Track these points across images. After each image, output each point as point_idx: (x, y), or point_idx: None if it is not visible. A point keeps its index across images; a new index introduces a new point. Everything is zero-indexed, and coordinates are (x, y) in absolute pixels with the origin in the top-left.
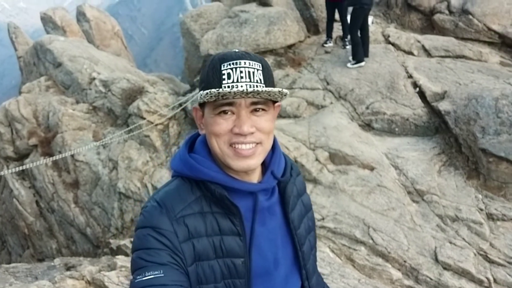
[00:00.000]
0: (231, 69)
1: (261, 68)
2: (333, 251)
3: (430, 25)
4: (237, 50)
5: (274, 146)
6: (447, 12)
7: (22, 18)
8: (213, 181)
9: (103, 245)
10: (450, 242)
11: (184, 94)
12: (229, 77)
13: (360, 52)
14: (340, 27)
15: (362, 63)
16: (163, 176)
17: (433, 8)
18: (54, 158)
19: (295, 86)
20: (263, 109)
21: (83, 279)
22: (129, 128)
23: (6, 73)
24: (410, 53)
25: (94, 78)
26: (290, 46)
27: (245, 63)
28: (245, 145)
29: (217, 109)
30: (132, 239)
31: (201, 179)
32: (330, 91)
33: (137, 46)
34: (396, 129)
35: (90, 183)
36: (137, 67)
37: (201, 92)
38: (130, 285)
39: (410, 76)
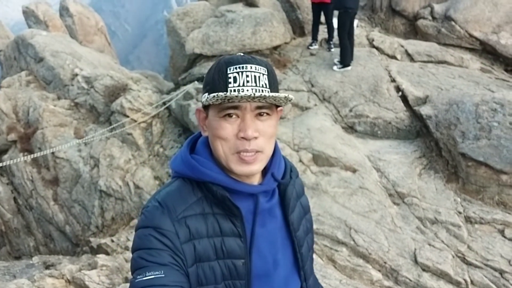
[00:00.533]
0: (237, 73)
1: (266, 73)
2: (315, 252)
3: (413, 30)
4: (243, 54)
5: (274, 149)
6: (430, 18)
7: (2, 11)
8: (215, 182)
9: (82, 243)
10: (429, 244)
11: (168, 92)
12: (235, 81)
13: (348, 56)
14: (326, 30)
15: (349, 67)
16: (145, 174)
17: (416, 14)
18: (34, 155)
19: (280, 87)
20: (267, 114)
21: (63, 278)
22: (112, 126)
23: None
24: (393, 57)
25: (76, 74)
26: (276, 48)
27: (251, 67)
28: (248, 153)
29: (222, 112)
30: (112, 238)
31: (202, 180)
32: (315, 93)
33: (120, 43)
34: (379, 132)
35: (71, 180)
36: (120, 64)
37: (206, 94)
38: (130, 284)
39: (393, 80)
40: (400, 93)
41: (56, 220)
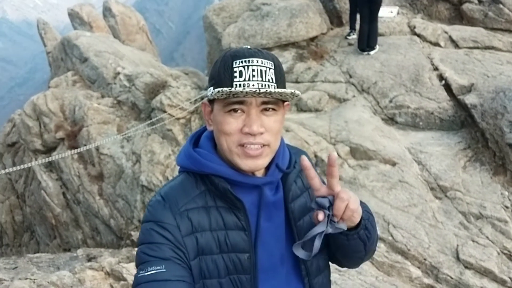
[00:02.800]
0: (243, 67)
1: (273, 67)
2: None
3: (458, 15)
4: (249, 47)
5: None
6: (476, 1)
7: (53, 14)
8: (217, 174)
9: (125, 236)
10: (473, 240)
11: (207, 88)
12: (240, 75)
13: (362, 41)
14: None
15: (363, 53)
16: None
17: None
18: (79, 150)
19: (317, 79)
20: (273, 109)
21: (102, 270)
22: (151, 120)
23: (38, 68)
24: (436, 44)
25: (118, 73)
26: (312, 39)
27: (257, 61)
28: (253, 145)
29: (227, 107)
30: None
31: (205, 173)
32: (353, 84)
33: (165, 40)
34: (420, 123)
35: (114, 175)
36: (164, 61)
37: (211, 89)
38: (134, 279)
39: (435, 69)
40: (443, 81)
41: (101, 214)
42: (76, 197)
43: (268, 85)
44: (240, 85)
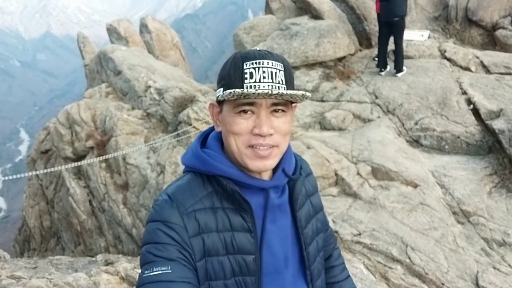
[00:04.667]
0: (254, 68)
1: (283, 69)
2: (367, 268)
3: (491, 41)
4: (259, 49)
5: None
6: (510, 27)
7: (95, 30)
8: (226, 175)
9: None
10: (494, 268)
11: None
12: (251, 77)
13: (379, 61)
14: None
15: (382, 73)
16: None
17: (495, 24)
18: (105, 156)
19: (342, 98)
20: (282, 110)
21: (118, 275)
22: (176, 132)
23: (77, 81)
24: (467, 69)
25: (149, 86)
26: (340, 59)
27: (268, 63)
28: (263, 147)
29: (237, 108)
30: None
31: (213, 173)
32: (378, 105)
33: (200, 59)
34: (446, 147)
35: (139, 185)
36: (199, 79)
37: (221, 90)
38: (138, 279)
39: (464, 93)
40: (471, 106)
41: (124, 223)
42: (101, 205)
43: (279, 86)
44: (251, 87)
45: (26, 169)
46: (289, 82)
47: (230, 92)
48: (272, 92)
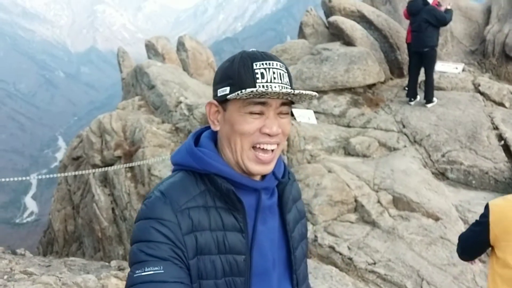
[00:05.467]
0: (264, 69)
1: (286, 71)
2: None
3: None
4: (260, 51)
5: None
6: None
7: (137, 47)
8: (221, 174)
9: None
10: None
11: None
12: (262, 77)
13: (409, 90)
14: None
15: (411, 103)
16: None
17: None
18: (131, 164)
19: (369, 125)
20: (286, 112)
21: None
22: None
23: (116, 94)
24: (500, 104)
25: (180, 102)
26: (370, 86)
27: (276, 64)
28: (270, 145)
29: (249, 107)
30: None
31: (208, 172)
32: (405, 134)
33: None
34: (473, 182)
35: None
36: None
37: (226, 89)
38: (128, 278)
39: (495, 128)
40: (502, 142)
41: None
42: (123, 213)
43: (286, 87)
44: (263, 86)
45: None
46: (291, 83)
47: (252, 91)
48: (288, 91)
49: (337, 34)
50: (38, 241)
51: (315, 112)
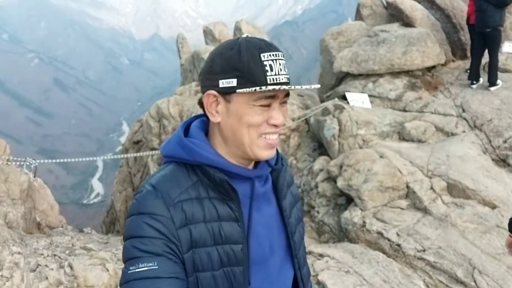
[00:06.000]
0: (272, 60)
1: (284, 59)
2: (427, 286)
3: None
4: (257, 37)
5: None
6: None
7: (197, 33)
8: (213, 165)
9: None
10: None
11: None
12: (271, 69)
13: (471, 73)
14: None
15: (473, 85)
16: None
17: None
18: None
19: (426, 109)
20: (287, 101)
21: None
22: None
23: (177, 81)
24: None
25: None
26: (429, 69)
27: (280, 54)
28: (276, 134)
29: (260, 100)
30: None
31: (200, 163)
32: (465, 118)
33: (295, 65)
34: None
35: None
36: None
37: (233, 81)
38: (122, 274)
39: None
40: None
41: None
42: None
43: (288, 77)
44: (273, 79)
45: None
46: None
47: (268, 90)
48: (296, 87)
49: (396, 15)
50: (102, 221)
51: (369, 95)
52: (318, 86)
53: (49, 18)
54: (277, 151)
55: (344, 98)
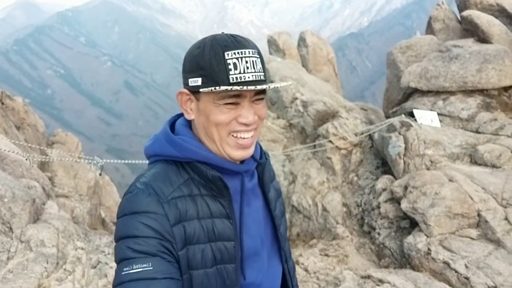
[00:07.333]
0: (237, 58)
1: (259, 56)
2: None
3: None
4: (231, 34)
5: None
6: None
7: (262, 43)
8: (205, 161)
9: None
10: None
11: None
12: (235, 67)
13: None
14: None
15: None
16: (335, 199)
17: None
18: None
19: (502, 132)
20: (261, 98)
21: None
22: (313, 144)
23: None
24: None
25: (296, 98)
26: (506, 89)
27: (248, 52)
28: (248, 133)
29: (223, 100)
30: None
31: (191, 159)
32: None
33: (358, 78)
34: None
35: None
36: (354, 99)
37: (198, 80)
38: (115, 275)
39: None
40: None
41: None
42: None
43: (260, 75)
44: (236, 78)
45: None
46: (264, 69)
47: (227, 89)
48: (261, 87)
49: (471, 30)
50: None
51: (439, 114)
52: (288, 83)
53: (122, 23)
54: (259, 146)
55: (411, 115)
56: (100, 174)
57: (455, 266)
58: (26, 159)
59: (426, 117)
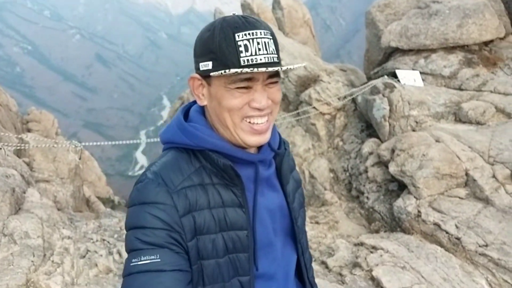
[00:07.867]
0: (248, 40)
1: (272, 37)
2: (490, 285)
3: None
4: (242, 15)
5: None
6: None
7: (234, 6)
8: (216, 149)
9: None
10: None
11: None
12: (246, 49)
13: None
14: None
15: None
16: (321, 165)
17: None
18: None
19: (484, 88)
20: (275, 81)
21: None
22: (296, 111)
23: None
24: None
25: None
26: (486, 43)
27: (260, 33)
28: (261, 118)
29: (235, 83)
30: None
31: (203, 148)
32: None
33: (333, 37)
34: None
35: None
36: (329, 58)
37: (209, 63)
38: (124, 266)
39: None
40: None
41: None
42: None
43: (273, 57)
44: (247, 60)
45: None
46: (278, 50)
47: (237, 71)
48: (268, 68)
49: None
50: None
51: (421, 73)
52: (304, 64)
53: None
54: (279, 135)
55: (393, 75)
56: (79, 158)
57: (445, 227)
58: (0, 149)
59: (409, 77)
